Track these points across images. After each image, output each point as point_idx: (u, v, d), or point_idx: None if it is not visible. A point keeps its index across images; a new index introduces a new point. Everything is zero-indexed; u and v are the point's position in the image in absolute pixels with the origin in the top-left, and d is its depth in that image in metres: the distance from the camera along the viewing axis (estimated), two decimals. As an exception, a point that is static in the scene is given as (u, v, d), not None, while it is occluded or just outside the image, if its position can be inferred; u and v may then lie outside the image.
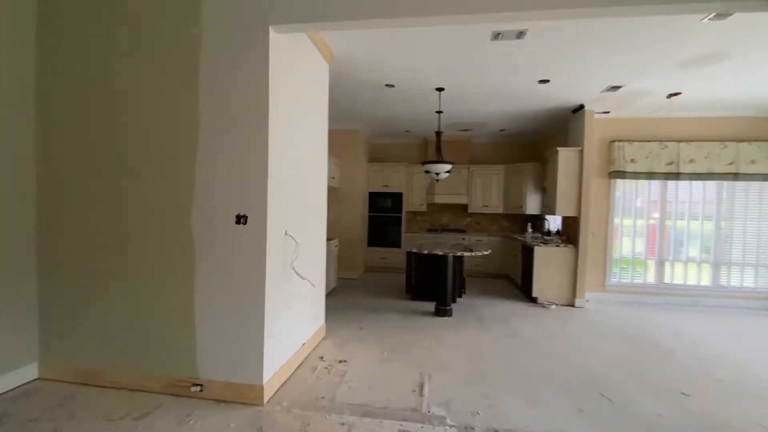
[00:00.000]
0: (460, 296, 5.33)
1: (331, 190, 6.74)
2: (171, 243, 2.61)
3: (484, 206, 7.42)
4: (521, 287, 5.98)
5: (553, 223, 6.29)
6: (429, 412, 2.47)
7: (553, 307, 5.14)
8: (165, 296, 2.63)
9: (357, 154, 6.87)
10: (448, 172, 5.36)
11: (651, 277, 5.59)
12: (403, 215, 7.49)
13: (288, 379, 2.87)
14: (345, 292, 5.66)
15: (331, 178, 6.22)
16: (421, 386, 2.81)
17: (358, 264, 6.89)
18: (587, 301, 5.36)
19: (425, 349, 3.56)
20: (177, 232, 2.59)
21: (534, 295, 5.34)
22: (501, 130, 6.87)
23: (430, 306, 4.82)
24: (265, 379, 2.52)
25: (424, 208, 7.59)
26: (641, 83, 4.17)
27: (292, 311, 2.99)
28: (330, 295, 5.43)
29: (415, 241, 6.33)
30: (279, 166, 2.64)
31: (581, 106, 5.14)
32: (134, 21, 2.60)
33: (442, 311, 4.53)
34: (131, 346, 2.68)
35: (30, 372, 2.75)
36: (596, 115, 5.31)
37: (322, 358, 3.28)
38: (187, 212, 2.57)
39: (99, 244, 2.70)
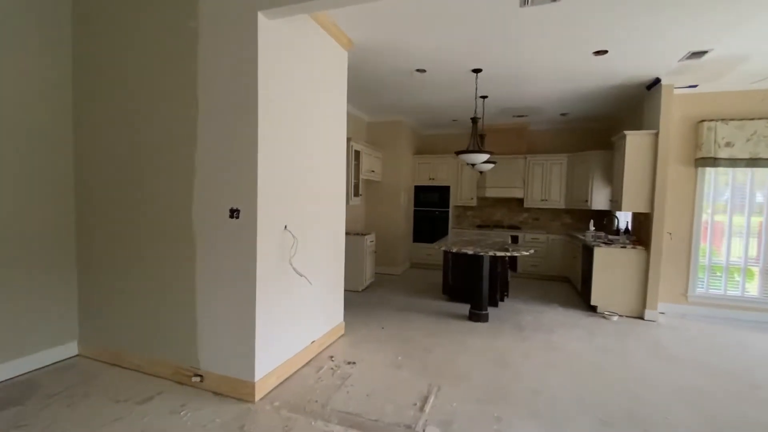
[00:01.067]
0: (502, 299, 4.84)
1: (372, 184, 6.60)
2: (177, 236, 2.67)
3: (542, 200, 6.69)
4: (581, 293, 5.26)
5: (624, 220, 5.42)
6: (423, 431, 2.19)
7: (615, 318, 4.41)
8: (172, 286, 2.71)
9: (401, 146, 6.60)
10: (492, 162, 4.89)
11: (753, 289, 4.50)
12: (451, 210, 7.08)
13: (290, 376, 2.80)
14: (381, 289, 5.50)
15: (371, 171, 6.08)
16: (425, 400, 2.54)
17: (400, 260, 6.68)
18: (662, 313, 4.51)
19: (445, 356, 3.25)
20: (181, 226, 2.65)
21: (592, 303, 4.63)
22: (562, 115, 6.10)
23: (467, 309, 4.43)
24: (257, 376, 2.47)
25: (474, 203, 7.07)
26: (734, 46, 3.30)
27: (296, 307, 2.90)
28: (364, 291, 5.32)
29: (461, 237, 5.92)
30: (274, 158, 2.54)
31: (657, 81, 4.29)
32: (137, 19, 2.69)
33: (476, 316, 4.13)
34: (147, 331, 2.82)
35: (71, 348, 3.06)
36: (678, 91, 4.40)
37: (331, 357, 3.16)
38: (188, 207, 2.61)
39: (122, 237, 2.88)
